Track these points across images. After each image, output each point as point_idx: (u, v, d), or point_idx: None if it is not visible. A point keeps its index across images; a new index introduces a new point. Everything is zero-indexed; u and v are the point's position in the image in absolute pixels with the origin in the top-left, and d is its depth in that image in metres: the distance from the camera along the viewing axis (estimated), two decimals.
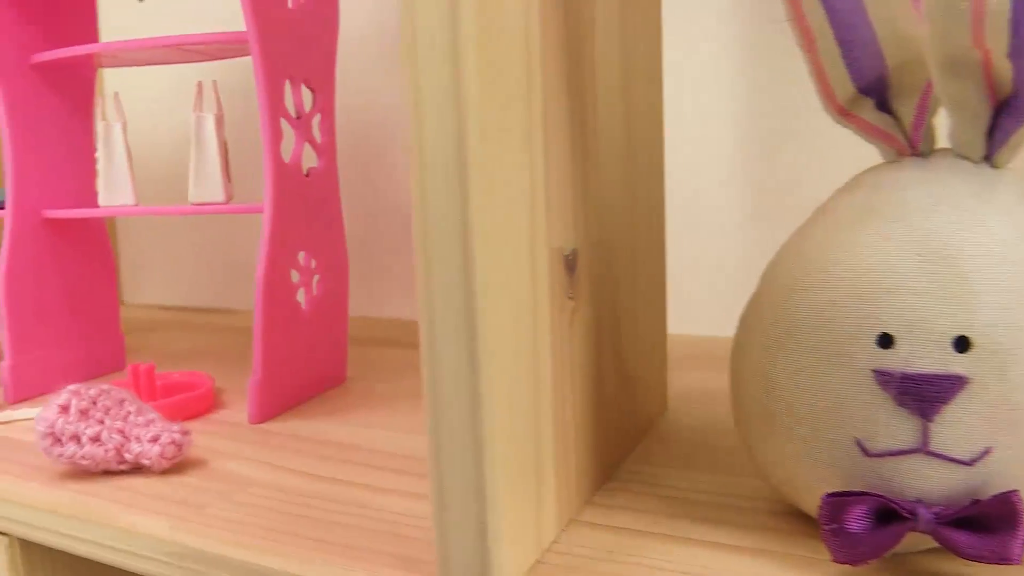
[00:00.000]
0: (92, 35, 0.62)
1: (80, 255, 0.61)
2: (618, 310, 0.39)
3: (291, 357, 0.52)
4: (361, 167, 0.83)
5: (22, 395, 0.56)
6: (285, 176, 0.49)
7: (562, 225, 0.32)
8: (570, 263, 0.34)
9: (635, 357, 0.42)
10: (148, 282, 1.00)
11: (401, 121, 0.80)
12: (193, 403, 0.51)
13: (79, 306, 0.61)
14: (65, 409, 0.41)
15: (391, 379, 0.59)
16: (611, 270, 0.38)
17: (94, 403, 0.42)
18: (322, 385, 0.56)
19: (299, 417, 0.51)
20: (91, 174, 0.62)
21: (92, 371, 0.62)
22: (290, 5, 0.50)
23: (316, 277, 0.54)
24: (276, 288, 0.49)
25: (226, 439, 0.47)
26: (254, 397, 0.49)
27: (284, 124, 0.50)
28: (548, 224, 0.31)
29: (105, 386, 0.44)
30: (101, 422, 0.42)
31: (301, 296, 0.52)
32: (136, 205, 0.55)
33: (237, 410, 0.52)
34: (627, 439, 0.41)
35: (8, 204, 0.55)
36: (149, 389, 0.51)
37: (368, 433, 0.47)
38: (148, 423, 0.43)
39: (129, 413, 0.43)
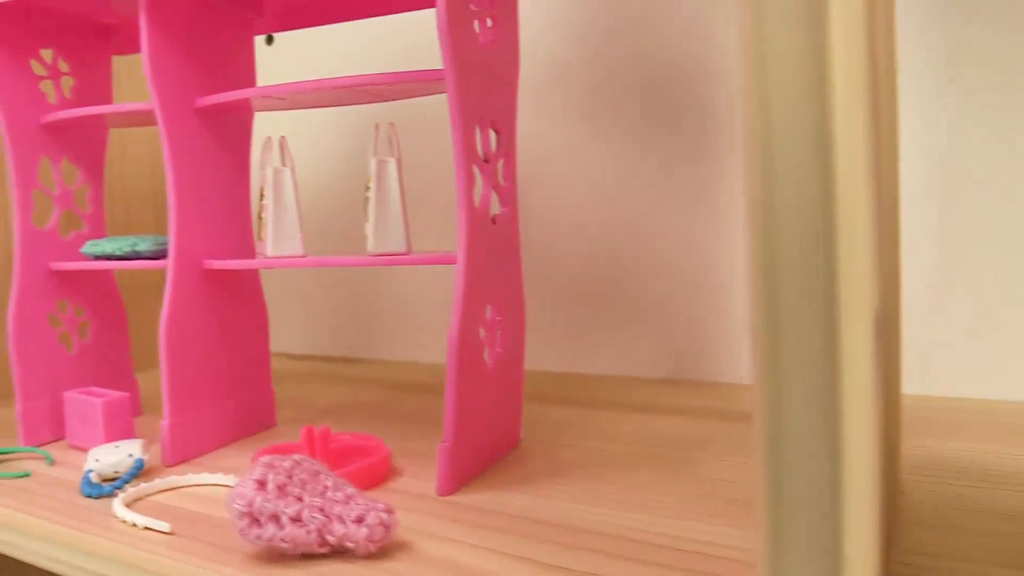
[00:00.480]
0: (250, 79, 0.59)
1: (235, 307, 0.58)
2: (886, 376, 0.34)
3: (477, 421, 0.47)
4: None
5: (180, 456, 0.53)
6: (477, 224, 0.45)
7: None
8: (879, 325, 0.29)
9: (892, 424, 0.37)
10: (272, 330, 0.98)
11: (539, 162, 0.76)
12: (372, 472, 0.47)
13: (233, 360, 0.57)
14: (262, 485, 0.38)
15: (570, 441, 0.54)
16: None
17: (290, 477, 0.39)
18: (501, 449, 0.51)
19: (487, 487, 0.46)
20: (247, 221, 0.59)
21: (244, 429, 0.58)
22: (480, 41, 0.46)
23: (498, 332, 0.49)
24: (467, 346, 0.45)
25: (420, 514, 0.42)
26: (444, 466, 0.45)
27: (474, 168, 0.46)
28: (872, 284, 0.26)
29: (296, 456, 0.40)
30: (300, 499, 0.38)
31: (486, 354, 0.48)
32: (305, 256, 0.51)
33: (415, 478, 0.48)
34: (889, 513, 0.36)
35: (171, 254, 0.52)
36: (325, 455, 0.47)
37: (573, 509, 0.42)
38: (348, 499, 0.38)
39: (326, 488, 0.39)
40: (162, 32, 0.51)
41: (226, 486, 0.48)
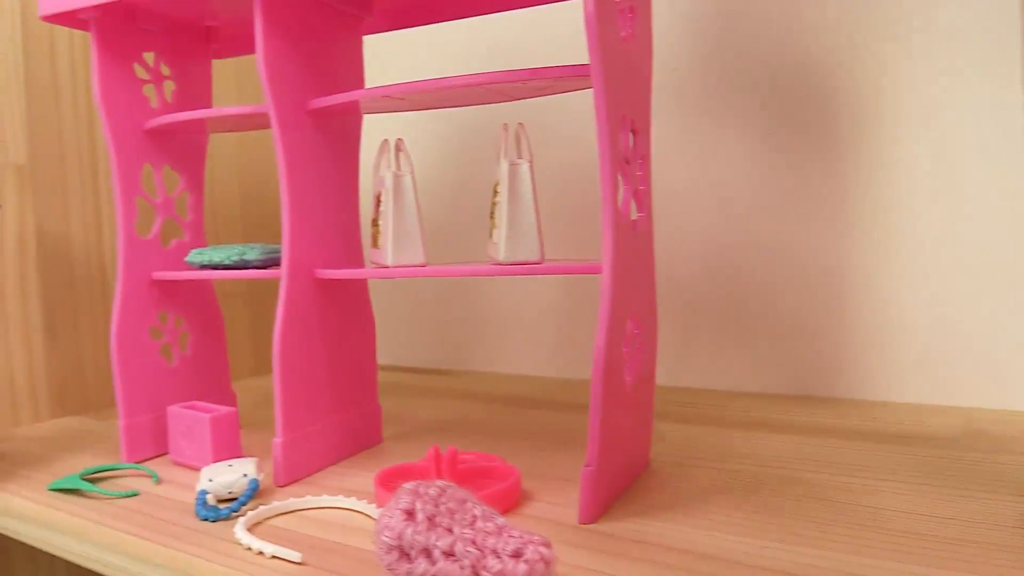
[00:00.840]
0: (359, 81, 0.57)
1: (345, 317, 0.55)
2: None
3: (618, 442, 0.44)
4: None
5: (294, 476, 0.50)
6: (622, 230, 0.42)
7: None
8: None
9: None
10: None
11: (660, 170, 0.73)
12: (506, 497, 0.44)
13: (343, 374, 0.55)
14: (411, 515, 0.35)
15: (703, 462, 0.51)
16: None
17: (437, 506, 0.36)
18: (635, 472, 0.48)
19: (627, 514, 0.43)
20: (356, 228, 0.56)
21: (353, 446, 0.56)
22: (622, 35, 0.43)
23: (636, 347, 0.46)
24: (612, 363, 0.42)
25: (564, 545, 0.39)
26: (588, 492, 0.41)
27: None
28: None
29: (440, 482, 0.37)
30: (450, 530, 0.35)
31: (626, 371, 0.45)
32: (425, 265, 0.49)
33: (549, 503, 0.45)
34: None
35: (285, 263, 0.50)
36: (453, 477, 0.44)
37: (725, 540, 0.38)
38: (500, 530, 0.35)
39: (475, 518, 0.36)
40: (277, 32, 0.49)
41: (351, 510, 0.45)
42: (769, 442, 0.55)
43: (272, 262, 0.54)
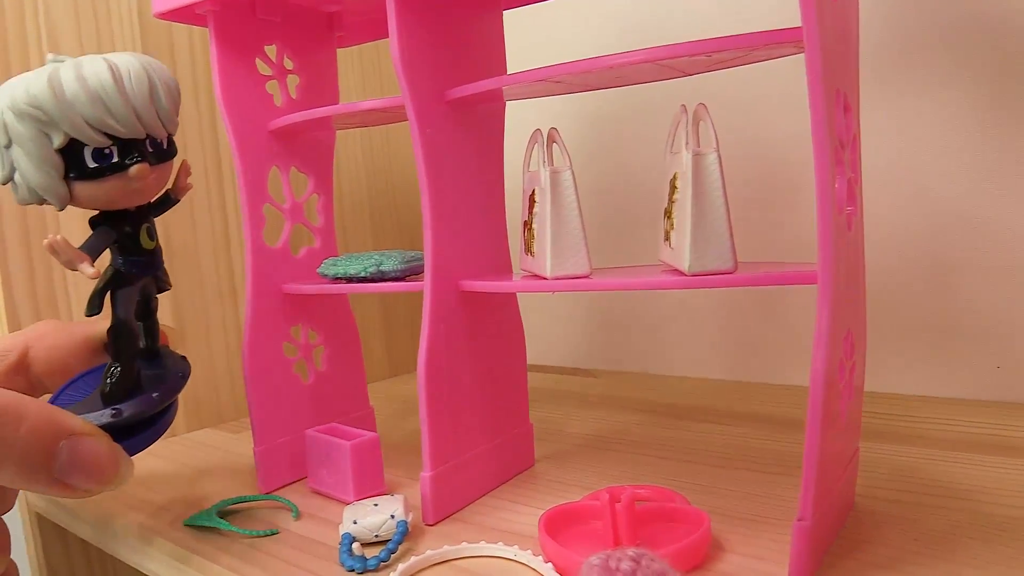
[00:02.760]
0: (501, 64, 0.50)
1: (493, 332, 0.49)
2: None
3: (833, 486, 0.36)
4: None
5: (444, 513, 0.45)
6: (839, 231, 0.34)
7: None
8: None
9: None
10: None
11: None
12: (696, 551, 0.37)
13: (493, 395, 0.49)
14: None
15: (920, 499, 0.42)
16: None
17: None
18: (843, 517, 0.40)
19: (848, 573, 0.35)
20: (502, 232, 0.50)
21: (504, 472, 0.50)
22: None
23: (851, 366, 0.38)
24: (831, 394, 0.34)
25: None
26: (802, 551, 0.34)
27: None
28: None
29: (632, 551, 0.30)
30: None
31: (841, 397, 0.37)
32: (590, 275, 0.42)
33: (747, 556, 0.38)
34: None
35: (428, 276, 0.44)
36: (629, 529, 0.37)
37: None
38: None
39: None
40: (412, 15, 0.43)
41: (514, 560, 0.39)
42: (1001, 469, 0.46)
43: (411, 271, 0.49)
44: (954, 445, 0.51)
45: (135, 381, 0.39)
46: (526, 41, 0.81)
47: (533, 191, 0.43)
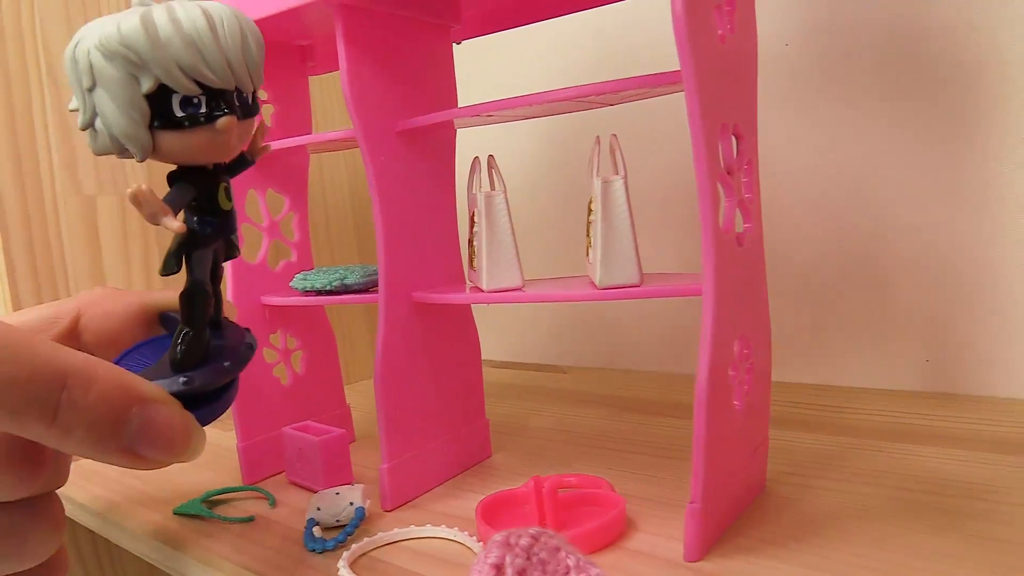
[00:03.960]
0: (451, 94, 0.55)
1: (447, 335, 0.54)
2: None
3: (727, 474, 0.41)
4: None
5: (400, 500, 0.50)
6: (723, 246, 0.39)
7: None
8: None
9: None
10: None
11: (795, 170, 0.68)
12: (608, 531, 0.42)
13: (447, 393, 0.54)
14: (499, 570, 0.33)
15: (824, 484, 0.47)
16: None
17: (528, 558, 0.34)
18: (748, 498, 0.45)
19: (737, 550, 0.40)
20: (455, 246, 0.55)
21: (461, 463, 0.55)
22: (719, 33, 0.39)
23: (746, 368, 0.43)
24: (716, 394, 0.39)
25: None
26: (693, 531, 0.39)
27: (717, 183, 0.39)
28: None
29: (533, 530, 0.35)
30: None
31: (735, 397, 0.42)
32: (522, 288, 0.47)
33: (655, 534, 0.42)
34: None
35: (382, 289, 0.49)
36: (553, 512, 0.43)
37: None
38: None
39: (568, 569, 0.34)
40: (361, 51, 0.48)
41: (453, 541, 0.44)
42: (901, 456, 0.50)
43: (373, 284, 0.54)
44: (880, 434, 0.55)
45: (206, 349, 0.36)
46: (476, 68, 0.86)
47: (473, 212, 0.48)
